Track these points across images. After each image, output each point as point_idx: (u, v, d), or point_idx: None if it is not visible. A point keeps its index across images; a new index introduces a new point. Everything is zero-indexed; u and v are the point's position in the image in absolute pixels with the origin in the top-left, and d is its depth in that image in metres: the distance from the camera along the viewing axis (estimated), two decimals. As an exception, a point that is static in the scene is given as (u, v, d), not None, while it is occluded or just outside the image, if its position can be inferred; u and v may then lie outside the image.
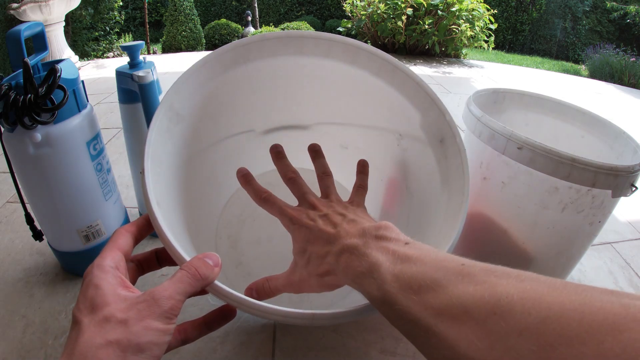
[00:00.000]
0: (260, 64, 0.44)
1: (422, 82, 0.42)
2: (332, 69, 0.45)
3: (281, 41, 0.43)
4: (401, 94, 0.44)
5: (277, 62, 0.44)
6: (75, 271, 0.54)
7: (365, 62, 0.44)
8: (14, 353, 0.43)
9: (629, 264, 0.64)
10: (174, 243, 0.31)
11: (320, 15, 5.92)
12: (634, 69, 3.06)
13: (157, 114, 0.36)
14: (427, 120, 0.43)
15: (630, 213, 0.78)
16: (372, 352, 0.46)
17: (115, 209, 0.54)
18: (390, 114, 0.47)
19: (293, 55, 0.44)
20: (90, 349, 0.21)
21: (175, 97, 0.38)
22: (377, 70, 0.44)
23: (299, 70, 0.46)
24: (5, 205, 0.70)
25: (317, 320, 0.29)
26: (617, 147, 0.50)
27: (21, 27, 0.40)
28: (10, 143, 0.42)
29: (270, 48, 0.43)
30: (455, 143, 0.39)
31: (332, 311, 0.29)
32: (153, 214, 0.31)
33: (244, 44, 0.42)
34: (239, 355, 0.44)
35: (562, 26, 5.66)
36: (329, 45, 0.43)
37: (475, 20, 2.26)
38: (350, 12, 2.69)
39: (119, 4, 3.03)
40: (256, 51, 0.43)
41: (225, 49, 0.41)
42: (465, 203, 0.36)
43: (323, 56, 0.44)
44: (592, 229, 0.45)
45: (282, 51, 0.44)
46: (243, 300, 0.28)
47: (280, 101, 0.49)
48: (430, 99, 0.42)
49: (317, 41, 0.43)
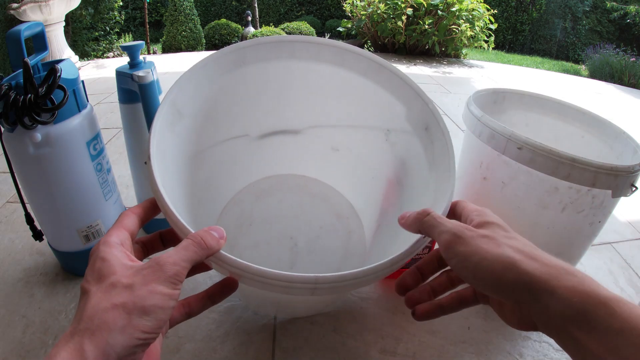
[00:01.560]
0: (255, 68, 0.45)
1: (406, 77, 0.44)
2: (323, 71, 0.47)
3: (275, 45, 0.45)
4: (387, 90, 0.46)
5: (271, 65, 0.46)
6: (75, 271, 0.54)
7: (352, 63, 0.46)
8: (14, 353, 0.43)
9: (629, 264, 0.64)
10: (179, 217, 0.31)
11: (320, 15, 5.92)
12: (634, 69, 3.06)
13: (161, 108, 0.37)
14: (412, 112, 0.44)
15: (630, 213, 0.78)
16: (372, 352, 0.46)
17: (115, 209, 0.54)
18: (378, 111, 0.48)
19: (286, 60, 0.46)
20: (97, 312, 0.22)
21: (177, 96, 0.39)
22: (365, 70, 0.46)
23: (290, 73, 0.47)
24: (5, 205, 0.70)
25: (320, 285, 0.28)
26: (617, 147, 0.50)
27: (21, 27, 0.40)
28: (10, 143, 0.42)
29: (264, 52, 0.45)
30: (439, 128, 0.41)
31: (336, 274, 0.29)
32: (158, 191, 0.31)
33: (241, 48, 0.43)
34: (239, 355, 0.44)
35: (562, 26, 5.66)
36: (318, 49, 0.46)
37: (475, 20, 2.26)
38: (350, 12, 2.69)
39: (119, 4, 3.03)
40: (251, 55, 0.44)
41: (224, 52, 0.42)
42: (453, 178, 0.37)
43: (314, 59, 0.46)
44: (592, 229, 0.45)
45: (276, 55, 0.45)
46: (246, 267, 0.28)
47: (273, 105, 0.51)
48: (414, 92, 0.43)
49: (308, 45, 0.45)
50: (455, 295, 0.33)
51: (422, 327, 0.49)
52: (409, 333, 0.48)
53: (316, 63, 0.46)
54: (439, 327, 0.49)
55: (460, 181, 0.57)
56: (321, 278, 0.28)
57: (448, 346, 0.47)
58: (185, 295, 0.32)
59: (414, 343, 0.47)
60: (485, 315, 0.51)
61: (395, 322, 0.50)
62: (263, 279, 0.28)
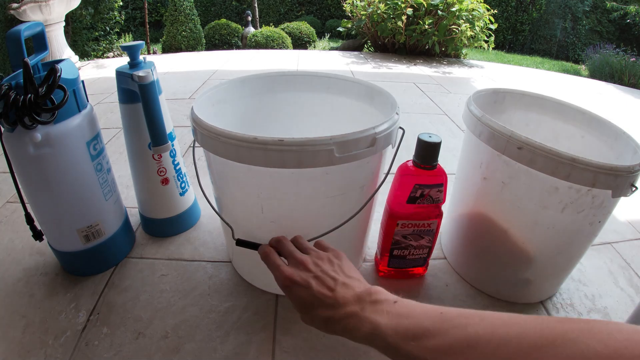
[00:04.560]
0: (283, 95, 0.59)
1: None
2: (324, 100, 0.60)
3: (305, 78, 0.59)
4: (371, 106, 0.55)
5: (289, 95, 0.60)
6: (75, 271, 0.54)
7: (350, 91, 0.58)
8: (14, 353, 0.43)
9: (629, 264, 0.64)
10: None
11: (320, 15, 5.91)
12: (634, 69, 3.06)
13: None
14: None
15: (630, 213, 0.78)
16: (372, 352, 0.46)
17: (115, 209, 0.54)
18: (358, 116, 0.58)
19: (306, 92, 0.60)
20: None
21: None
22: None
23: (308, 101, 0.60)
24: (5, 205, 0.70)
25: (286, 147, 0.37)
26: (617, 147, 0.50)
27: (21, 27, 0.40)
28: (10, 143, 0.42)
29: (296, 84, 0.59)
30: (381, 92, 0.52)
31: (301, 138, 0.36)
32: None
33: (280, 75, 0.58)
34: (239, 355, 0.44)
35: (562, 26, 5.66)
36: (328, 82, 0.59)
37: (475, 20, 2.26)
38: (350, 12, 2.69)
39: (119, 4, 3.02)
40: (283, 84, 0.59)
41: (264, 75, 0.58)
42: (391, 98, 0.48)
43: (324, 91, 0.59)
44: (592, 229, 0.45)
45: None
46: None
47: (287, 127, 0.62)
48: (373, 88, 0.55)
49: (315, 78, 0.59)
50: None
51: (422, 327, 0.49)
52: (409, 333, 0.48)
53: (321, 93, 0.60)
54: (439, 327, 0.49)
55: (460, 181, 0.57)
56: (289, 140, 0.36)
57: (448, 346, 0.47)
58: (185, 295, 0.32)
59: (414, 343, 0.47)
60: (485, 315, 0.51)
61: (395, 322, 0.50)
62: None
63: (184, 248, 0.60)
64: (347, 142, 0.37)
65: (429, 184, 0.47)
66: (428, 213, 0.49)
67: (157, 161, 0.56)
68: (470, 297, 0.54)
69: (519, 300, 0.54)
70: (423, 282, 0.56)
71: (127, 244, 0.59)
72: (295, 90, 0.60)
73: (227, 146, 0.37)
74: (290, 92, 0.60)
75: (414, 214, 0.49)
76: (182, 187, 0.61)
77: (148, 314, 0.49)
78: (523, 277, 0.51)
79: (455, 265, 0.59)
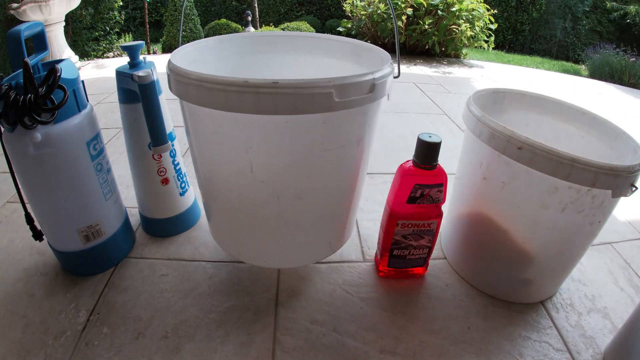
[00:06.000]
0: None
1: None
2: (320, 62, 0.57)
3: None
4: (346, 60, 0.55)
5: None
6: (75, 271, 0.54)
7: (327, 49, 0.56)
8: (14, 353, 0.43)
9: (629, 264, 0.64)
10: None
11: (320, 15, 5.91)
12: (634, 69, 3.05)
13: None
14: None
15: (630, 213, 0.78)
16: (372, 352, 0.46)
17: (115, 209, 0.54)
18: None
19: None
20: None
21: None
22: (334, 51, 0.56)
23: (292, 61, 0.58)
24: (5, 205, 0.70)
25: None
26: (617, 147, 0.50)
27: (21, 27, 0.40)
28: (10, 143, 0.42)
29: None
30: (370, 48, 0.50)
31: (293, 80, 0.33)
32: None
33: (271, 35, 0.56)
34: (239, 355, 0.44)
35: (562, 26, 5.66)
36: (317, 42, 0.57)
37: (475, 20, 2.26)
38: (350, 12, 2.69)
39: (119, 4, 3.02)
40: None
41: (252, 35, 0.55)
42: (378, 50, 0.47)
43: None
44: (592, 229, 0.45)
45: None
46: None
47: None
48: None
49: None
50: None
51: (422, 327, 0.49)
52: (409, 333, 0.48)
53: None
54: (439, 327, 0.49)
55: (460, 181, 0.57)
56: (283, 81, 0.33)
57: (448, 346, 0.47)
58: (185, 295, 0.32)
59: (413, 343, 0.47)
60: (485, 315, 0.51)
61: (395, 322, 0.50)
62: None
63: (184, 248, 0.60)
64: (347, 86, 0.35)
65: (429, 184, 0.47)
66: (428, 213, 0.49)
67: (157, 161, 0.56)
68: (470, 297, 0.54)
69: (519, 300, 0.54)
70: (423, 282, 0.56)
71: (127, 244, 0.59)
72: (277, 52, 0.56)
73: (213, 92, 0.34)
74: (272, 53, 0.56)
75: (414, 214, 0.49)
76: (182, 187, 0.61)
77: (148, 314, 0.49)
78: (523, 277, 0.51)
79: (455, 265, 0.59)
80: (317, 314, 0.50)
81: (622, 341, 0.45)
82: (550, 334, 0.50)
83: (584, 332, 0.50)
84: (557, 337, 0.49)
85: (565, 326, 0.51)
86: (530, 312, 0.53)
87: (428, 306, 0.52)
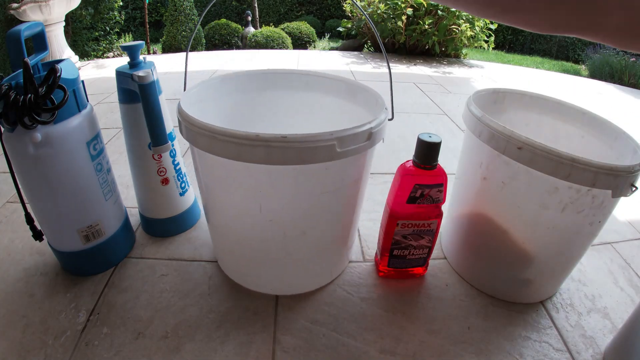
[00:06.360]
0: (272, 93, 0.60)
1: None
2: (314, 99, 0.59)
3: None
4: (346, 101, 0.57)
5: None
6: (75, 271, 0.54)
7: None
8: (14, 353, 0.43)
9: (629, 264, 0.64)
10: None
11: (320, 15, 5.91)
12: (634, 69, 3.05)
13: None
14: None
15: (630, 213, 0.78)
16: (372, 352, 0.46)
17: (115, 209, 0.54)
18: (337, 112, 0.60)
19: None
20: None
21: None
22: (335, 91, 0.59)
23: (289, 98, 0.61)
24: (5, 205, 0.70)
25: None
26: (617, 147, 0.50)
27: (21, 27, 0.40)
28: (10, 143, 0.42)
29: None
30: (365, 89, 0.53)
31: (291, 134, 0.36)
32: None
33: (265, 73, 0.58)
34: (239, 355, 0.44)
35: (562, 26, 5.65)
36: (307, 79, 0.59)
37: (475, 20, 2.26)
38: (350, 12, 2.69)
39: (119, 4, 3.02)
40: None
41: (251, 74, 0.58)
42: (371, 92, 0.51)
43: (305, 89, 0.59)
44: (592, 229, 0.45)
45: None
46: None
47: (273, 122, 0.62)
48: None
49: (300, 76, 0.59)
50: None
51: (422, 327, 0.49)
52: (409, 333, 0.48)
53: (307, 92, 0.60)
54: (439, 327, 0.49)
55: (460, 181, 0.57)
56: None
57: (448, 346, 0.47)
58: (185, 295, 0.32)
59: (414, 343, 0.47)
60: (485, 315, 0.51)
61: (395, 322, 0.50)
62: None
63: (184, 248, 0.60)
64: (347, 137, 0.38)
65: (429, 184, 0.47)
66: (428, 213, 0.49)
67: (157, 161, 0.56)
68: (470, 297, 0.54)
69: (519, 300, 0.54)
70: (423, 282, 0.56)
71: (127, 244, 0.59)
72: (273, 89, 0.60)
73: (226, 145, 0.37)
74: (269, 90, 0.60)
75: (414, 214, 0.49)
76: (182, 187, 0.61)
77: (148, 314, 0.49)
78: (523, 277, 0.51)
79: (455, 265, 0.59)
80: (317, 314, 0.50)
81: (622, 341, 0.45)
82: (550, 334, 0.50)
83: (584, 332, 0.50)
84: (557, 337, 0.49)
85: (565, 326, 0.51)
86: (530, 312, 0.53)
87: (428, 306, 0.52)
